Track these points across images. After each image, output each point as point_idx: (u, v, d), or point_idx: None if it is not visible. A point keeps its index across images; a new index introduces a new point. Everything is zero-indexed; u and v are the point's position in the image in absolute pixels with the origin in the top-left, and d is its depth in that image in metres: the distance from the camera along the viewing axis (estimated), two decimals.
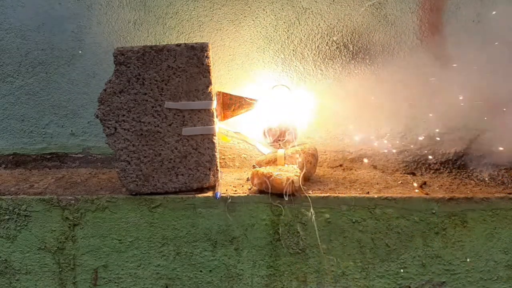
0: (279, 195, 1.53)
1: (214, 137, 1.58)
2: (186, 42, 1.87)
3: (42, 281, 1.64)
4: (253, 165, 1.73)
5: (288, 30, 1.91)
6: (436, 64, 1.68)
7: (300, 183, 1.54)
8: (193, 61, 1.53)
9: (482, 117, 1.68)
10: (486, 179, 1.68)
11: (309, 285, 1.59)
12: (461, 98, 1.66)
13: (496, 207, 1.51)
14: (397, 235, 1.54)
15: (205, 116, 1.57)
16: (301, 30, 1.90)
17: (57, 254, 1.62)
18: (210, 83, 1.55)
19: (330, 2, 1.89)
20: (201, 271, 1.60)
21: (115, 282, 1.63)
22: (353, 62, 1.87)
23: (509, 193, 1.54)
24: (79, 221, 1.60)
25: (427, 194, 1.55)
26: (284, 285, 1.59)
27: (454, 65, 1.67)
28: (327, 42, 1.90)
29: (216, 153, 1.59)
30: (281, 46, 1.91)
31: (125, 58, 1.53)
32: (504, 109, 1.62)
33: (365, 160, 1.85)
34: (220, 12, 1.90)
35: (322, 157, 1.86)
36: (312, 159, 1.71)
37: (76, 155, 2.02)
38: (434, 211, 1.52)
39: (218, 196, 1.55)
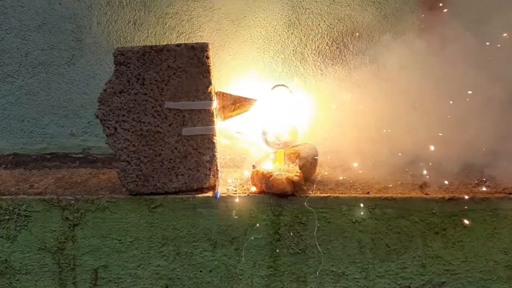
0: (279, 195, 1.53)
1: (214, 137, 1.58)
2: (186, 42, 1.87)
3: (42, 281, 1.64)
4: (253, 165, 1.73)
5: (288, 30, 1.91)
6: None
7: (300, 183, 1.55)
8: (193, 61, 1.53)
9: None
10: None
11: (309, 285, 1.59)
12: None
13: (496, 207, 1.51)
14: (397, 235, 1.54)
15: (205, 116, 1.57)
16: (301, 30, 1.90)
17: (57, 254, 1.62)
18: (210, 83, 1.55)
19: (330, 2, 1.89)
20: (201, 271, 1.60)
21: (115, 282, 1.63)
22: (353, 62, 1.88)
23: (509, 193, 1.54)
24: (79, 221, 1.60)
25: (427, 194, 1.55)
26: (284, 285, 1.59)
27: None
28: (327, 42, 1.91)
29: (216, 153, 1.59)
30: (281, 46, 1.91)
31: (125, 58, 1.52)
32: None
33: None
34: (220, 12, 1.90)
35: (322, 157, 1.86)
36: (312, 159, 1.71)
37: (76, 155, 2.02)
38: (434, 211, 1.52)
39: (218, 196, 1.55)
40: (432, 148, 1.66)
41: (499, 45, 1.63)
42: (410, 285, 1.56)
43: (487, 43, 1.64)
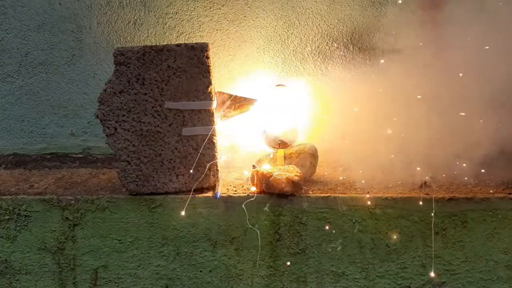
0: (279, 195, 1.53)
1: (214, 137, 1.58)
2: (186, 42, 1.87)
3: (42, 281, 1.64)
4: (253, 165, 1.73)
5: (288, 30, 1.91)
6: None
7: (300, 183, 1.54)
8: (193, 61, 1.53)
9: None
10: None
11: (309, 285, 1.59)
12: None
13: (496, 207, 1.51)
14: (397, 235, 1.54)
15: (205, 116, 1.57)
16: (301, 30, 1.90)
17: (57, 254, 1.62)
18: (210, 83, 1.55)
19: (330, 2, 1.89)
20: (201, 271, 1.60)
21: (115, 282, 1.63)
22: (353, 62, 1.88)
23: (509, 193, 1.54)
24: (79, 221, 1.60)
25: (427, 194, 1.55)
26: (284, 285, 1.59)
27: None
28: (327, 42, 1.91)
29: (216, 153, 1.59)
30: (281, 46, 1.91)
31: (125, 58, 1.52)
32: None
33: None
34: (220, 12, 1.90)
35: (322, 157, 1.86)
36: (312, 159, 1.71)
37: (76, 155, 2.02)
38: (434, 211, 1.52)
39: (218, 196, 1.55)
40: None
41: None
42: (410, 285, 1.56)
43: None
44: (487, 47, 1.61)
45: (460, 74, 1.63)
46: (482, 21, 1.60)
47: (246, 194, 1.57)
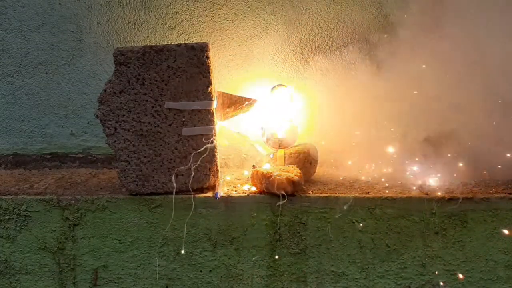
0: (279, 195, 1.53)
1: (214, 137, 1.58)
2: (186, 42, 1.87)
3: (42, 281, 1.64)
4: (253, 165, 1.73)
5: (288, 30, 1.91)
6: None
7: (300, 183, 1.54)
8: (193, 61, 1.53)
9: None
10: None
11: (309, 285, 1.59)
12: None
13: (496, 207, 1.51)
14: (397, 235, 1.54)
15: (205, 116, 1.57)
16: (301, 30, 1.90)
17: (57, 254, 1.62)
18: (210, 83, 1.55)
19: (330, 2, 1.89)
20: (201, 271, 1.60)
21: (115, 282, 1.63)
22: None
23: (509, 193, 1.54)
24: (79, 221, 1.60)
25: (427, 194, 1.55)
26: (284, 285, 1.59)
27: None
28: (327, 42, 1.91)
29: (216, 153, 1.59)
30: (281, 46, 1.91)
31: (125, 58, 1.52)
32: None
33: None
34: (220, 12, 1.91)
35: (323, 157, 1.86)
36: (312, 159, 1.71)
37: (76, 155, 2.02)
38: (434, 211, 1.52)
39: (218, 196, 1.55)
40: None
41: None
42: (410, 285, 1.56)
43: None
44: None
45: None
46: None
47: (246, 194, 1.57)
